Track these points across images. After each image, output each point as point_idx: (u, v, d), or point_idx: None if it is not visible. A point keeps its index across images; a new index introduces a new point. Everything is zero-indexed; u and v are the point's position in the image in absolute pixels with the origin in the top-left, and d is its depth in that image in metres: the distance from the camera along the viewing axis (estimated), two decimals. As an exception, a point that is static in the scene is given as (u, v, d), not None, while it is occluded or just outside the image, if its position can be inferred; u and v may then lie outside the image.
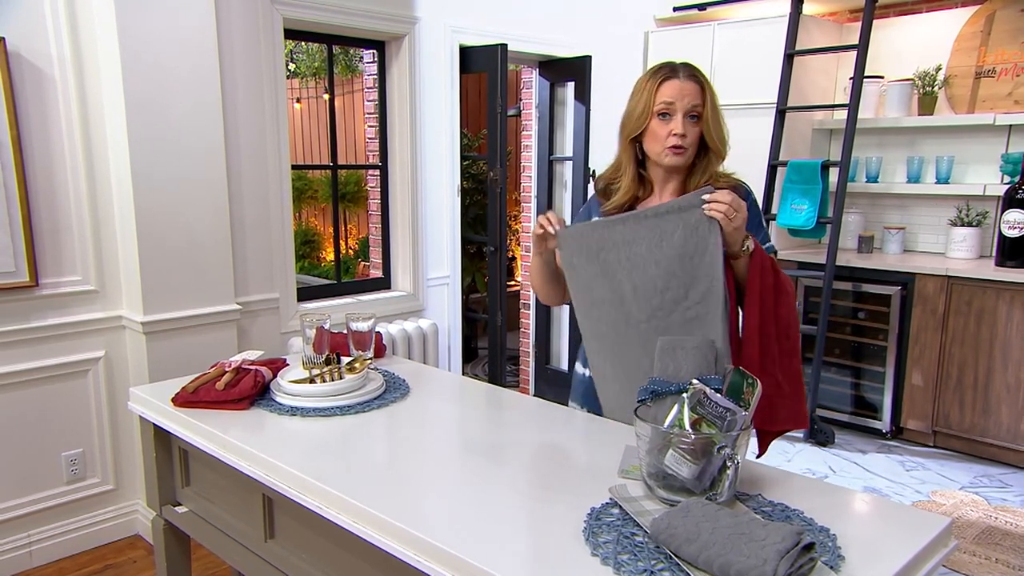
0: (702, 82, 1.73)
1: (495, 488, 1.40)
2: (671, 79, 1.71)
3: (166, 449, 1.94)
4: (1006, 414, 3.68)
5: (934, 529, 1.23)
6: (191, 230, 2.82)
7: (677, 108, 1.70)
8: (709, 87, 1.74)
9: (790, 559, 1.03)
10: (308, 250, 7.76)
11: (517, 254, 6.39)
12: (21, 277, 2.61)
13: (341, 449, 1.60)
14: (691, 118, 1.71)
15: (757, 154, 4.33)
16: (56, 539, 2.82)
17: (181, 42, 2.70)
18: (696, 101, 1.71)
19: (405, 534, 1.23)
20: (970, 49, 4.12)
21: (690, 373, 1.37)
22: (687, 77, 1.71)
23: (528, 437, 1.69)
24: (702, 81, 1.73)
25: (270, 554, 1.64)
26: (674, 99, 1.70)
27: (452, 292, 4.07)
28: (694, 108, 1.70)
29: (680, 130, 1.70)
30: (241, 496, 1.70)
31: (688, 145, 1.72)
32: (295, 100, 8.02)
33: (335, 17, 3.34)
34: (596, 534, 1.20)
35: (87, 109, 2.69)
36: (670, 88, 1.71)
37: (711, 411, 1.31)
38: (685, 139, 1.71)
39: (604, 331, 1.71)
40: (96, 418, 2.87)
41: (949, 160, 4.13)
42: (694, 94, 1.70)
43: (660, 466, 1.27)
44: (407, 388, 1.96)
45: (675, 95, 1.70)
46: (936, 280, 3.84)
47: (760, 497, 1.33)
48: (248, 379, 1.85)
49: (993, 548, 2.95)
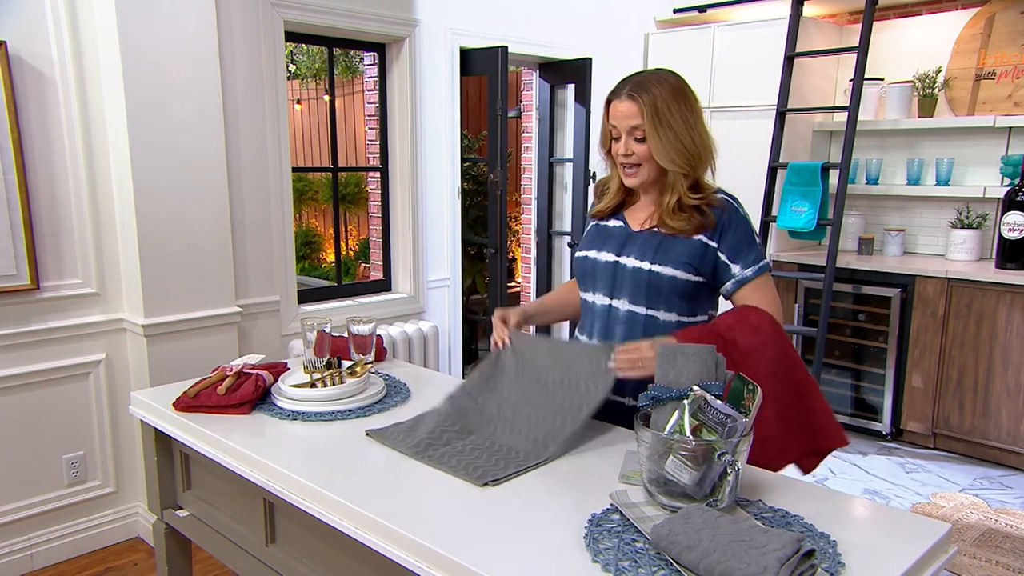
0: (638, 100, 1.68)
1: (496, 494, 1.40)
2: (613, 101, 1.74)
3: (167, 453, 1.94)
4: (1006, 416, 3.69)
5: (934, 535, 1.23)
6: (192, 233, 2.82)
7: (620, 130, 1.73)
8: (651, 101, 1.68)
9: (791, 566, 1.03)
10: (308, 251, 7.76)
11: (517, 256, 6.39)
12: (22, 280, 2.61)
13: (342, 454, 1.60)
14: (637, 140, 1.71)
15: (757, 156, 4.34)
16: (57, 542, 2.82)
17: (182, 45, 2.70)
18: (634, 121, 1.69)
19: (406, 539, 1.24)
20: (970, 51, 4.13)
21: (691, 379, 1.37)
22: (626, 97, 1.70)
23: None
24: (638, 98, 1.69)
25: (271, 559, 1.64)
26: (616, 122, 1.73)
27: (452, 294, 4.07)
28: (633, 129, 1.70)
29: (622, 151, 1.73)
30: (242, 500, 1.70)
31: (640, 162, 1.73)
32: (295, 102, 8.03)
33: (335, 20, 3.34)
34: (597, 540, 1.20)
35: (88, 112, 2.70)
36: (613, 111, 1.74)
37: (712, 417, 1.31)
38: (631, 158, 1.73)
39: (479, 397, 1.78)
40: (97, 421, 2.87)
41: (949, 162, 4.14)
42: (631, 114, 1.69)
43: (661, 472, 1.28)
44: (408, 392, 1.96)
45: (616, 118, 1.73)
46: (936, 282, 3.84)
47: (760, 503, 1.34)
48: (249, 383, 1.85)
49: (993, 550, 2.95)
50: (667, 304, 1.75)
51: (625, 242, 1.80)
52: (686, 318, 1.77)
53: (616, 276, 1.79)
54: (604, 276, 1.81)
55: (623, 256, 1.78)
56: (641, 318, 1.76)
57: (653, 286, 1.73)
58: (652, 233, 1.77)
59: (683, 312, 1.76)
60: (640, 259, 1.74)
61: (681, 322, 1.76)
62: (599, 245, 1.84)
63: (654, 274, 1.72)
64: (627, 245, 1.79)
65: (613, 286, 1.80)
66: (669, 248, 1.73)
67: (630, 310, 1.77)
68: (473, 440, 1.62)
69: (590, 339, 1.84)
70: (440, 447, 1.58)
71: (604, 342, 1.76)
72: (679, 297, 1.74)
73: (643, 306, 1.76)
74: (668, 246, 1.73)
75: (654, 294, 1.74)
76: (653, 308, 1.75)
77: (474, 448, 1.58)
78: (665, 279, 1.71)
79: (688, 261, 1.71)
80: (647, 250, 1.75)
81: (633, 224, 1.82)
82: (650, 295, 1.74)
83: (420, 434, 1.64)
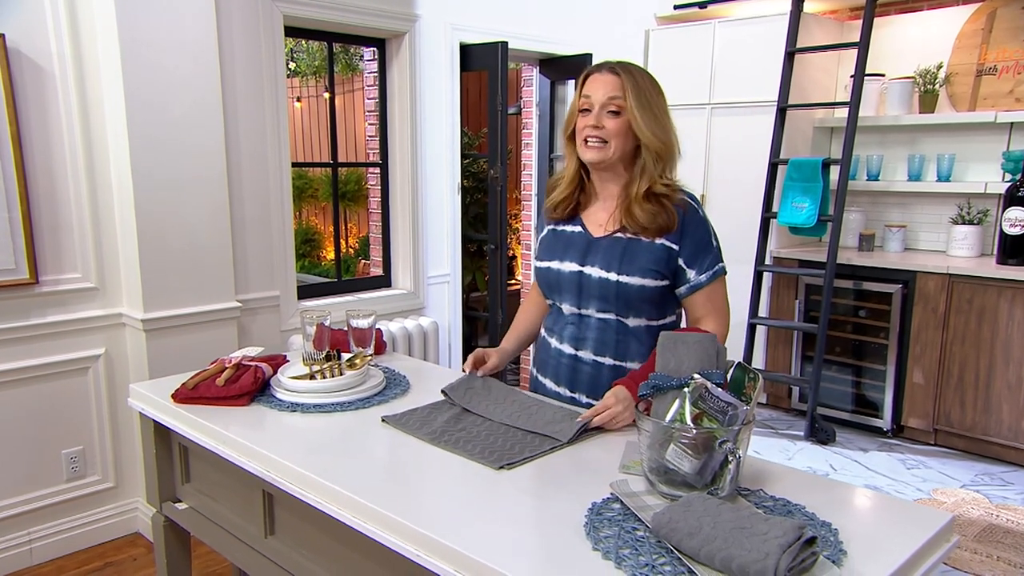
0: (621, 74, 1.68)
1: (496, 483, 1.39)
2: (593, 74, 1.72)
3: (166, 446, 1.94)
4: (1007, 412, 3.68)
5: (936, 524, 1.23)
6: (191, 228, 2.81)
7: (594, 101, 1.69)
8: (632, 79, 1.67)
9: (792, 553, 1.02)
10: (308, 249, 7.76)
11: (517, 252, 6.38)
12: (21, 275, 2.61)
13: (342, 445, 1.59)
14: (611, 113, 1.68)
15: (758, 152, 4.33)
16: (56, 537, 2.82)
17: (181, 40, 2.69)
18: (613, 93, 1.67)
19: (406, 529, 1.23)
20: (971, 47, 4.12)
21: (691, 368, 1.37)
22: (607, 71, 1.70)
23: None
24: (621, 73, 1.68)
25: (270, 550, 1.63)
26: (592, 93, 1.70)
27: (452, 290, 4.07)
28: (611, 101, 1.67)
29: (592, 122, 1.69)
30: (241, 492, 1.70)
31: (608, 138, 1.68)
32: (295, 99, 8.02)
33: (335, 15, 3.33)
34: (597, 529, 1.19)
35: (87, 106, 2.69)
36: (590, 83, 1.71)
37: (713, 406, 1.30)
38: (601, 131, 1.68)
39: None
40: (96, 416, 2.86)
41: (950, 158, 4.13)
42: (613, 85, 1.67)
43: (661, 461, 1.27)
44: (407, 384, 1.96)
45: (592, 89, 1.70)
46: (937, 278, 3.84)
47: (762, 492, 1.33)
48: (248, 375, 1.84)
49: (994, 546, 2.95)
50: (636, 311, 1.75)
51: (587, 250, 1.77)
52: (655, 322, 1.77)
53: (582, 286, 1.76)
54: (570, 287, 1.79)
55: (587, 266, 1.75)
56: (612, 324, 1.76)
57: (622, 296, 1.72)
58: (614, 240, 1.74)
59: (652, 316, 1.76)
60: (606, 269, 1.72)
61: (650, 326, 1.76)
62: (560, 254, 1.81)
63: (622, 285, 1.71)
64: (590, 253, 1.76)
65: (580, 295, 1.78)
66: (634, 256, 1.71)
67: (600, 317, 1.77)
68: (488, 426, 1.64)
69: (560, 343, 1.84)
70: (455, 433, 1.60)
71: (569, 408, 1.72)
72: (647, 303, 1.74)
73: (613, 313, 1.76)
74: (633, 254, 1.71)
75: (623, 303, 1.73)
76: (622, 315, 1.75)
77: (488, 434, 1.60)
78: (633, 288, 1.71)
79: (654, 267, 1.70)
80: (611, 259, 1.72)
81: (593, 229, 1.79)
82: (619, 304, 1.73)
83: (437, 422, 1.66)
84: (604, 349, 1.77)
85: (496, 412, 1.71)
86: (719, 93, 4.56)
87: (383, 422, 1.68)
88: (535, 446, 1.52)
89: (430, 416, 1.70)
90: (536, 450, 1.50)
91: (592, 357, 1.79)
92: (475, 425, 1.65)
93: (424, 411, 1.73)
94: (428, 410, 1.74)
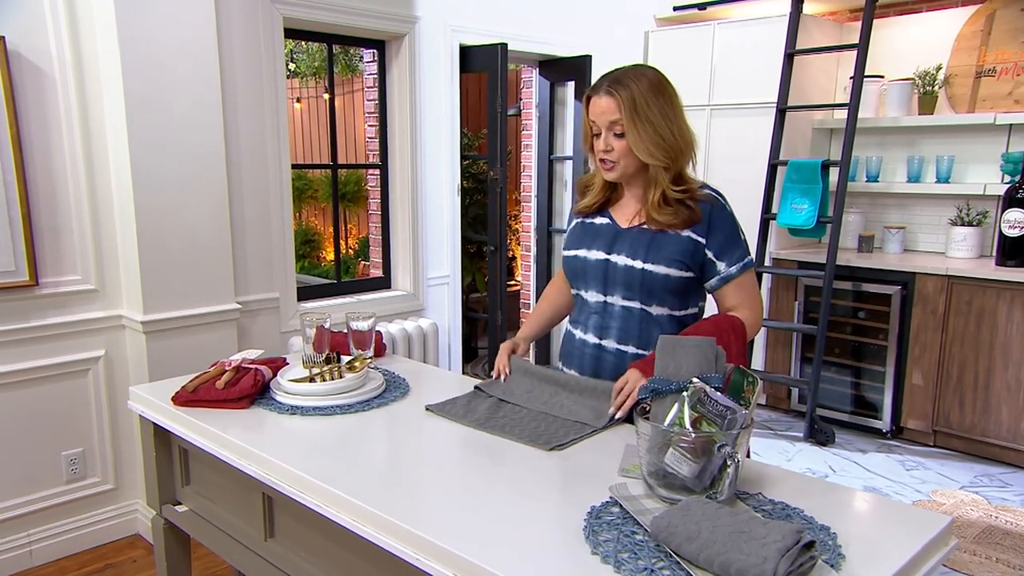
0: (616, 95, 1.69)
1: (495, 486, 1.39)
2: (592, 97, 1.75)
3: (166, 448, 1.94)
4: (1006, 414, 3.68)
5: (934, 528, 1.23)
6: (191, 229, 2.81)
7: (600, 126, 1.74)
8: (629, 95, 1.68)
9: (791, 557, 1.03)
10: (308, 250, 7.76)
11: (517, 254, 6.38)
12: (21, 276, 2.61)
13: (341, 448, 1.60)
14: (616, 135, 1.72)
15: (757, 153, 4.34)
16: (56, 538, 2.82)
17: (181, 41, 2.69)
18: (613, 116, 1.70)
19: (405, 532, 1.23)
20: (970, 48, 4.12)
21: (690, 372, 1.37)
22: (604, 93, 1.71)
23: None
24: (616, 93, 1.69)
25: (270, 553, 1.64)
26: (595, 118, 1.74)
27: (452, 291, 4.07)
28: (612, 124, 1.71)
29: (602, 146, 1.75)
30: (241, 495, 1.70)
31: (617, 159, 1.74)
32: (295, 100, 8.02)
33: (335, 16, 3.34)
34: (596, 533, 1.19)
35: (87, 108, 2.69)
36: (592, 107, 1.75)
37: (711, 410, 1.30)
38: (611, 154, 1.74)
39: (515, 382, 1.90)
40: (96, 417, 2.86)
41: (949, 159, 4.13)
42: (610, 110, 1.70)
43: (660, 465, 1.27)
44: (407, 387, 1.96)
45: (595, 114, 1.74)
46: (936, 280, 3.84)
47: (760, 496, 1.33)
48: (248, 378, 1.84)
49: (993, 548, 2.95)
50: (660, 300, 1.78)
51: (614, 239, 1.81)
52: (677, 312, 1.80)
53: (608, 273, 1.80)
54: (596, 274, 1.83)
55: (613, 254, 1.80)
56: (636, 312, 1.79)
57: (646, 284, 1.75)
58: (641, 230, 1.78)
59: (675, 307, 1.80)
60: (632, 257, 1.76)
61: (673, 316, 1.80)
62: (588, 243, 1.85)
63: (647, 273, 1.74)
64: (616, 242, 1.80)
65: (606, 283, 1.81)
66: (660, 246, 1.74)
67: (624, 306, 1.80)
68: (526, 414, 1.74)
69: (584, 333, 1.87)
70: (498, 420, 1.71)
71: (599, 383, 1.78)
72: (671, 293, 1.77)
73: (637, 301, 1.79)
74: (659, 244, 1.74)
75: (647, 291, 1.76)
76: (646, 304, 1.78)
77: (531, 419, 1.71)
78: (658, 277, 1.74)
79: (680, 258, 1.73)
80: (638, 248, 1.76)
81: (621, 221, 1.83)
82: (643, 292, 1.77)
83: (479, 410, 1.76)
84: (627, 338, 1.80)
85: (531, 401, 1.80)
86: (718, 94, 4.56)
87: (427, 410, 1.79)
88: (577, 429, 1.64)
89: (471, 404, 1.81)
90: (579, 432, 1.62)
91: (615, 346, 1.81)
92: (515, 412, 1.76)
93: (464, 399, 1.84)
94: (468, 399, 1.85)
